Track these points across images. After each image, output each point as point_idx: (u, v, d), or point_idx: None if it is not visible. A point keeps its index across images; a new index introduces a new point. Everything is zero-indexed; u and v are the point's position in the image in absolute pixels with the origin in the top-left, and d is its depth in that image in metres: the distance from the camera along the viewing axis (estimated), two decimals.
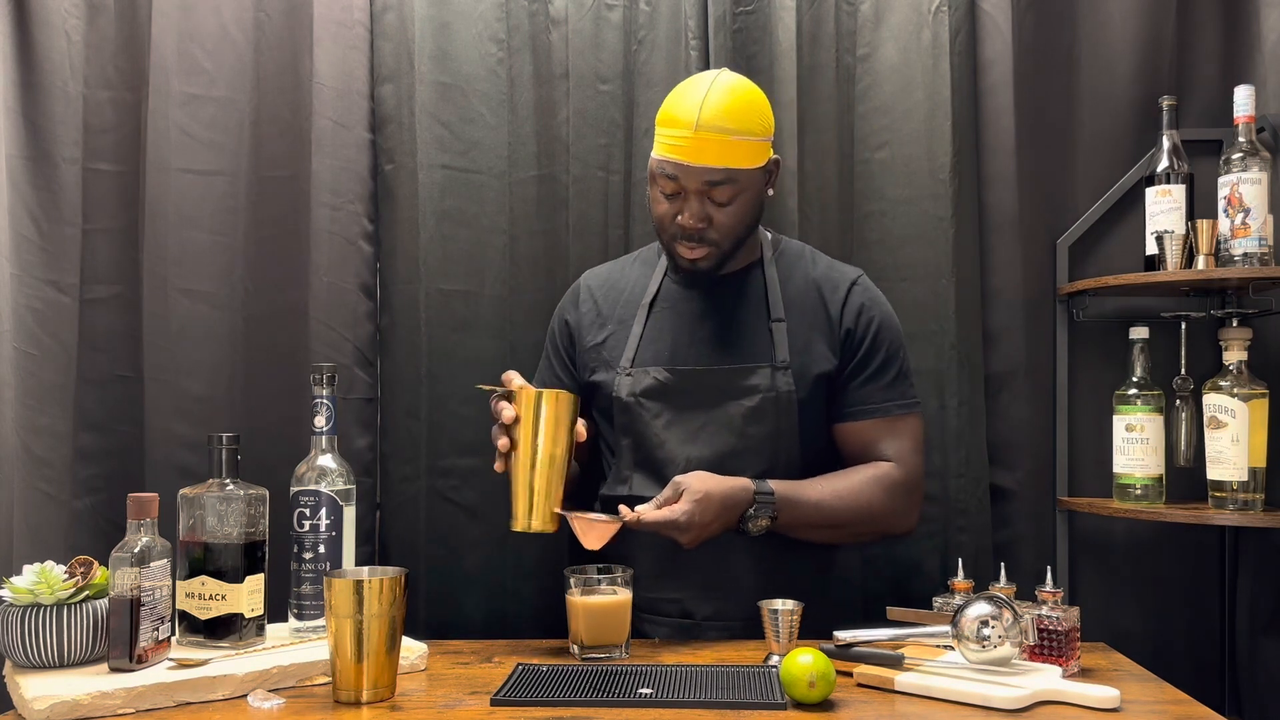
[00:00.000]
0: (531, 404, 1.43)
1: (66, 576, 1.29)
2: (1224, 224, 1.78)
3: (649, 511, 1.43)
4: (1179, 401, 1.89)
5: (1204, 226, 1.78)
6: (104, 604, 1.28)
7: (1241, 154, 1.76)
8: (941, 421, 1.87)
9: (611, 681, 1.26)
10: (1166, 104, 1.86)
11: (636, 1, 1.92)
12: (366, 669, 1.20)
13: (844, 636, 1.32)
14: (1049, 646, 1.31)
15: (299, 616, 1.44)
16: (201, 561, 1.37)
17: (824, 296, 1.61)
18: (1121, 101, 1.93)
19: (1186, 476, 1.89)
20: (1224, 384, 1.75)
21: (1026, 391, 1.91)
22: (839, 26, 1.93)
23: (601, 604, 1.39)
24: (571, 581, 1.41)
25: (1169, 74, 1.92)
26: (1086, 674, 1.32)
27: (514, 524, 1.44)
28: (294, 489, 1.44)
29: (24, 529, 1.81)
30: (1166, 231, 1.81)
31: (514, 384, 1.45)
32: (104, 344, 1.88)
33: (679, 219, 1.53)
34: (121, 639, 1.24)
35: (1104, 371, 1.93)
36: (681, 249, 1.56)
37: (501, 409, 1.44)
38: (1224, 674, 1.92)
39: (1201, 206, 1.86)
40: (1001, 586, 1.40)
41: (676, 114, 1.50)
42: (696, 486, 1.44)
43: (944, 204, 1.88)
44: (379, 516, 1.92)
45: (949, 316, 1.88)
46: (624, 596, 1.40)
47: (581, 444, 1.49)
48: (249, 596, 1.37)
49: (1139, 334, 1.86)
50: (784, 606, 1.34)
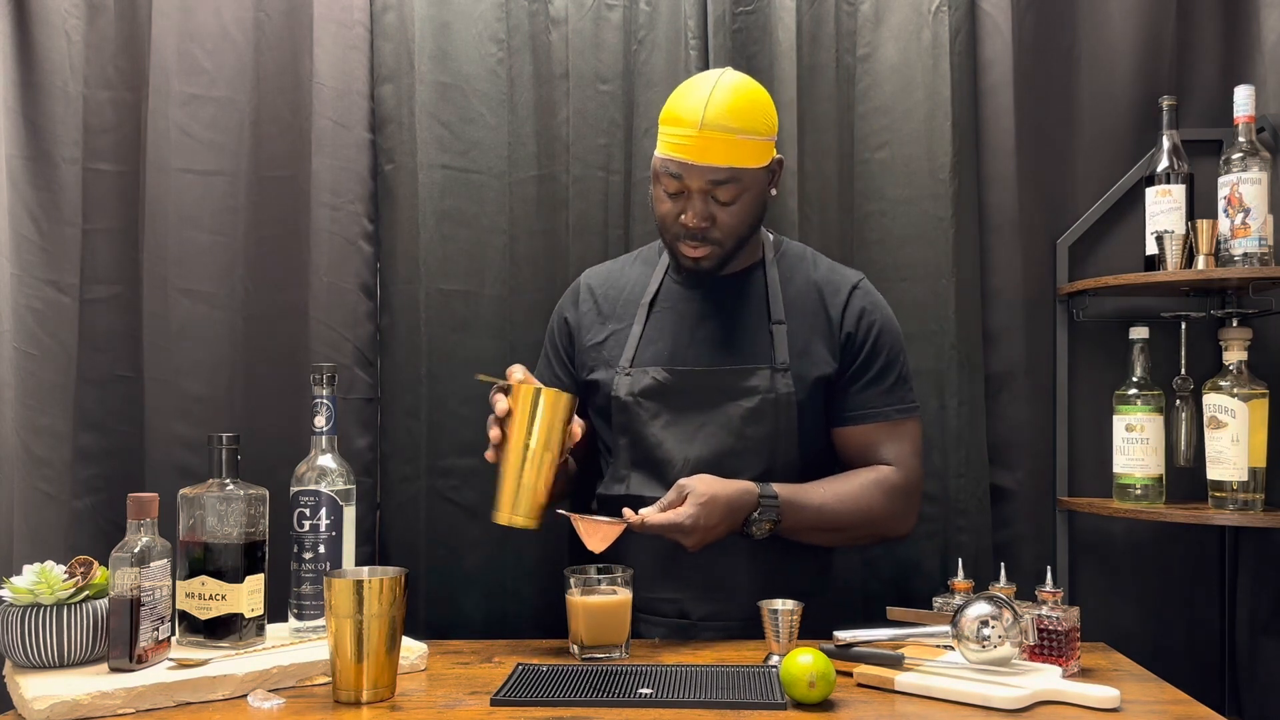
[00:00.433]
0: (528, 400, 1.43)
1: (66, 576, 1.29)
2: (1224, 224, 1.78)
3: (653, 514, 1.43)
4: (1179, 401, 1.89)
5: (1204, 226, 1.78)
6: (104, 604, 1.28)
7: (1241, 154, 1.76)
8: (941, 422, 1.87)
9: (611, 681, 1.26)
10: (1166, 104, 1.86)
11: (636, 1, 1.92)
12: (366, 669, 1.20)
13: (844, 636, 1.32)
14: (1049, 646, 1.31)
15: (299, 616, 1.44)
16: (201, 561, 1.37)
17: (825, 299, 1.61)
18: (1121, 101, 1.93)
19: (1186, 476, 1.89)
20: (1224, 384, 1.75)
21: (1026, 391, 1.91)
22: (839, 26, 1.93)
23: (601, 604, 1.39)
24: (571, 581, 1.41)
25: (1169, 74, 1.92)
26: (1086, 674, 1.32)
27: (497, 515, 1.44)
28: (294, 489, 1.44)
29: (24, 529, 1.81)
30: (1166, 231, 1.81)
31: (514, 378, 1.45)
32: (104, 344, 1.88)
33: (682, 218, 1.53)
34: (121, 639, 1.24)
35: (1104, 371, 1.93)
36: (684, 248, 1.55)
37: (496, 401, 1.44)
38: (1224, 674, 1.92)
39: (1201, 206, 1.86)
40: (1001, 586, 1.40)
41: (681, 113, 1.50)
42: (701, 490, 1.44)
43: (944, 204, 1.88)
44: (379, 516, 1.92)
45: (949, 316, 1.88)
46: (624, 596, 1.40)
47: (579, 443, 1.49)
48: (249, 596, 1.37)
49: (1139, 334, 1.86)
50: (784, 606, 1.34)
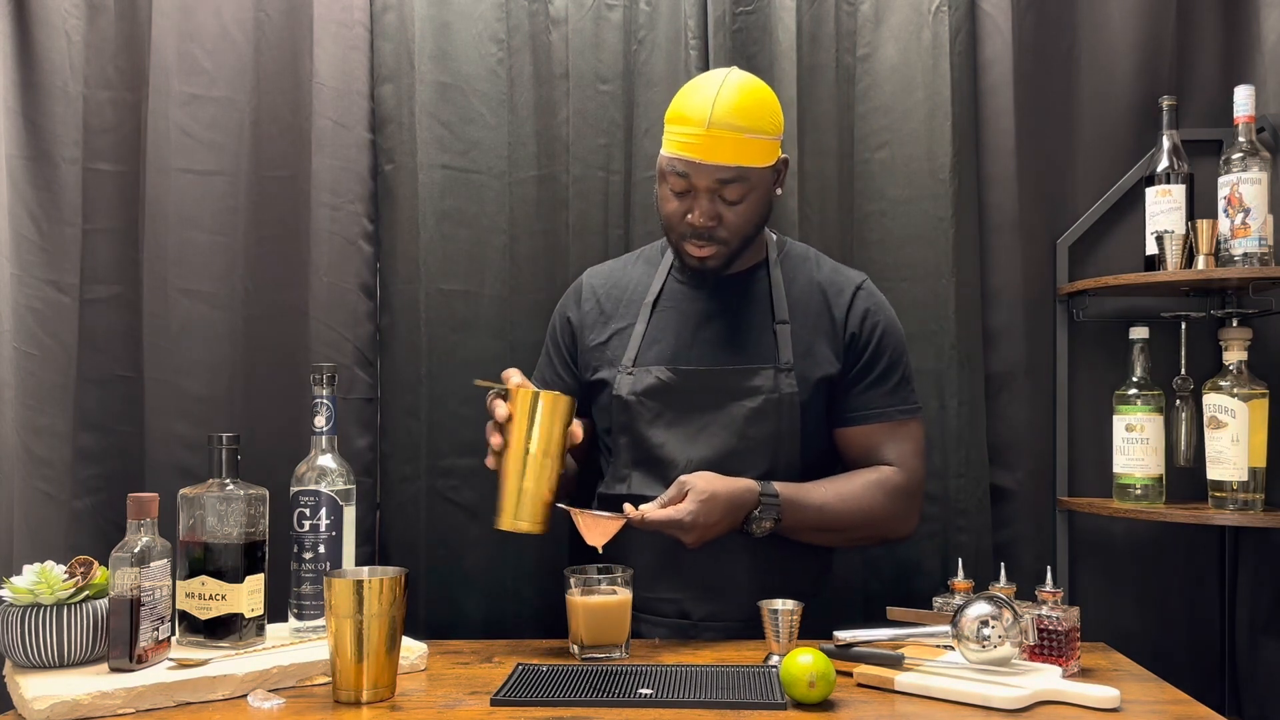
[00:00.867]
0: (527, 404, 1.42)
1: (66, 576, 1.29)
2: (1224, 224, 1.78)
3: (654, 510, 1.43)
4: (1179, 401, 1.89)
5: (1204, 226, 1.78)
6: (104, 604, 1.28)
7: (1241, 154, 1.76)
8: (941, 422, 1.87)
9: (611, 681, 1.26)
10: (1166, 104, 1.86)
11: (636, 1, 1.92)
12: (366, 669, 1.20)
13: (844, 636, 1.32)
14: (1049, 646, 1.31)
15: (299, 616, 1.44)
16: (201, 561, 1.37)
17: (828, 300, 1.61)
18: (1121, 101, 1.93)
19: (1186, 476, 1.89)
20: (1224, 384, 1.75)
21: (1026, 391, 1.91)
22: (839, 26, 1.93)
23: (601, 604, 1.39)
24: (571, 581, 1.41)
25: (1169, 74, 1.92)
26: (1086, 674, 1.32)
27: (499, 522, 1.44)
28: (294, 489, 1.44)
29: (24, 529, 1.81)
30: (1166, 231, 1.81)
31: (512, 382, 1.45)
32: (104, 344, 1.88)
33: (689, 217, 1.52)
34: (121, 639, 1.24)
35: (1104, 371, 1.93)
36: (690, 248, 1.55)
37: (495, 406, 1.43)
38: (1224, 674, 1.92)
39: (1201, 206, 1.86)
40: (1001, 586, 1.40)
41: (688, 111, 1.49)
42: (702, 487, 1.44)
43: (944, 204, 1.88)
44: (379, 516, 1.92)
45: (949, 316, 1.87)
46: (624, 596, 1.40)
47: (579, 444, 1.49)
48: (249, 596, 1.37)
49: (1139, 334, 1.86)
50: (784, 606, 1.34)
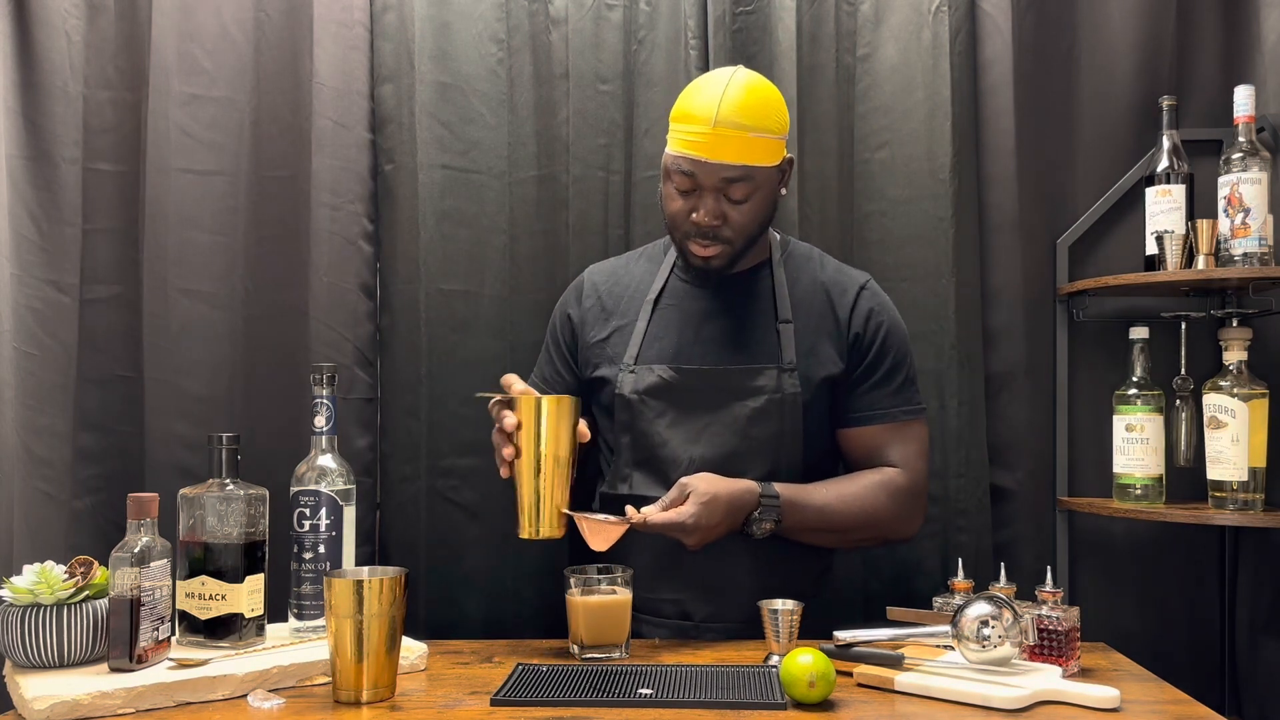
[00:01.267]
0: (530, 410, 1.42)
1: (66, 576, 1.29)
2: (1224, 224, 1.78)
3: (655, 513, 1.43)
4: (1179, 401, 1.89)
5: (1204, 226, 1.78)
6: (104, 604, 1.28)
7: (1241, 154, 1.76)
8: (942, 422, 1.87)
9: (611, 681, 1.26)
10: (1166, 104, 1.86)
11: (636, 1, 1.92)
12: (366, 669, 1.20)
13: (844, 636, 1.32)
14: (1049, 646, 1.31)
15: (299, 616, 1.44)
16: (201, 561, 1.37)
17: (832, 300, 1.60)
18: (1121, 102, 1.93)
19: (1187, 476, 1.89)
20: (1224, 384, 1.75)
21: (1026, 391, 1.91)
22: (839, 26, 1.93)
23: (601, 604, 1.39)
24: (571, 581, 1.41)
25: (1169, 74, 1.92)
26: (1086, 674, 1.32)
27: (521, 531, 1.44)
28: (294, 489, 1.44)
29: (24, 529, 1.81)
30: (1166, 231, 1.81)
31: (514, 389, 1.45)
32: (104, 344, 1.88)
33: (694, 216, 1.52)
34: (121, 639, 1.24)
35: (1104, 371, 1.93)
36: (694, 246, 1.55)
37: (504, 416, 1.43)
38: (1224, 674, 1.92)
39: (1201, 206, 1.86)
40: (1001, 586, 1.40)
41: (694, 110, 1.49)
42: (703, 489, 1.44)
43: (944, 204, 1.88)
44: (379, 516, 1.92)
45: (949, 316, 1.87)
46: (624, 596, 1.40)
47: (587, 442, 1.48)
48: (249, 596, 1.37)
49: (1139, 334, 1.86)
50: (784, 606, 1.34)
